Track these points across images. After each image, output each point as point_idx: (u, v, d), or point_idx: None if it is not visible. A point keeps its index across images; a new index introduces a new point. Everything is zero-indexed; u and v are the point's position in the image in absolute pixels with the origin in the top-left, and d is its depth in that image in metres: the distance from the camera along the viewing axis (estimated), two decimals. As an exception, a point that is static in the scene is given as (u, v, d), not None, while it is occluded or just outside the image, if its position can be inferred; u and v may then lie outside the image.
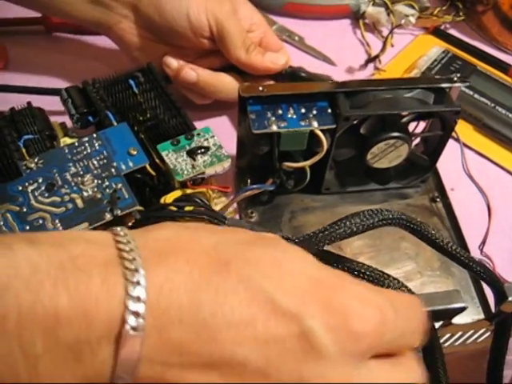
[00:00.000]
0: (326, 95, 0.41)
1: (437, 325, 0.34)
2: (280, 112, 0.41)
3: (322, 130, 0.41)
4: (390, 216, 0.31)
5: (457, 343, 0.40)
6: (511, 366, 0.50)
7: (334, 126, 0.41)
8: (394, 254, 0.44)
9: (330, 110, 0.41)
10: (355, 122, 0.42)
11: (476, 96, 0.55)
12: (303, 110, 0.41)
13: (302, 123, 0.40)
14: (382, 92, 0.42)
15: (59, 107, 0.46)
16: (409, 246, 0.45)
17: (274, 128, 0.40)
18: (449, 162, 0.50)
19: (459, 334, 0.38)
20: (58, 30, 0.58)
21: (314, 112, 0.41)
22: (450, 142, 0.49)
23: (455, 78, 0.42)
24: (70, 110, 0.44)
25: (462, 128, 0.54)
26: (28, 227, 0.36)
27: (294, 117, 0.41)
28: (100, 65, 0.52)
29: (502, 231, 0.48)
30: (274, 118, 0.40)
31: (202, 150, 0.41)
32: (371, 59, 0.58)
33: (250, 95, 0.40)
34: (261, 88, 0.40)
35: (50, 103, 0.46)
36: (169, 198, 0.38)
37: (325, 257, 0.32)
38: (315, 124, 0.40)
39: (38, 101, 0.45)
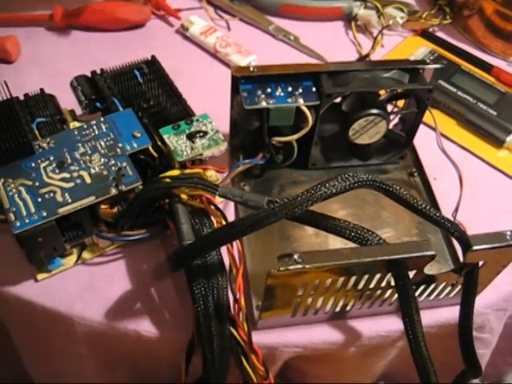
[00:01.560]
0: (311, 75, 0.45)
1: (410, 274, 0.37)
2: (269, 90, 0.44)
3: (307, 107, 0.44)
4: (365, 178, 0.35)
5: (431, 297, 0.43)
6: (488, 346, 0.53)
7: (318, 103, 0.45)
8: (374, 222, 0.48)
9: (314, 89, 0.45)
10: (338, 101, 0.45)
11: (459, 93, 0.58)
12: (290, 89, 0.45)
13: (289, 100, 0.44)
14: (362, 72, 0.46)
15: (69, 96, 0.49)
16: (388, 215, 0.49)
17: (264, 104, 0.44)
18: (431, 154, 0.53)
19: (432, 286, 0.41)
20: (66, 26, 0.62)
21: (300, 90, 0.45)
22: (432, 135, 0.53)
23: (428, 61, 0.46)
24: (80, 97, 0.47)
25: (446, 123, 0.58)
26: (40, 199, 0.40)
27: (282, 94, 0.44)
28: (107, 58, 0.55)
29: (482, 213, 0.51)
30: (263, 96, 0.44)
31: (201, 134, 0.44)
32: (362, 58, 0.62)
33: (242, 75, 0.44)
34: (251, 69, 0.44)
35: (61, 91, 0.50)
36: (168, 176, 0.41)
37: (311, 217, 0.35)
38: (301, 101, 0.44)
39: (49, 89, 0.49)
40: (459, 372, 0.47)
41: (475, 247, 0.37)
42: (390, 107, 0.50)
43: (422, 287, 0.41)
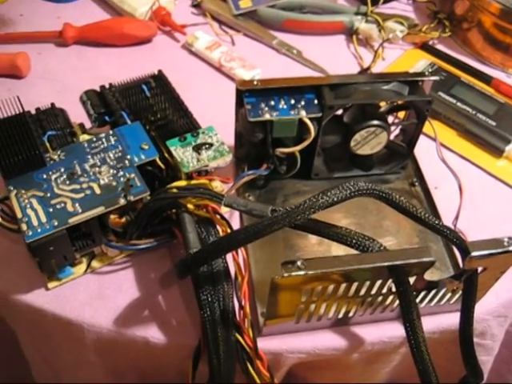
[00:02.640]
0: (313, 88, 0.47)
1: (411, 280, 0.38)
2: (272, 103, 0.46)
3: (309, 119, 0.46)
4: (364, 187, 0.36)
5: (432, 303, 0.44)
6: (490, 352, 0.54)
7: (320, 115, 0.46)
8: (376, 231, 0.49)
9: (316, 101, 0.46)
10: (339, 113, 0.47)
11: (459, 104, 0.60)
12: (293, 101, 0.46)
13: (292, 112, 0.46)
14: (363, 85, 0.47)
15: (78, 110, 0.51)
16: (390, 224, 0.50)
17: (267, 116, 0.45)
18: (432, 164, 0.55)
19: (433, 292, 0.42)
20: (75, 42, 0.64)
21: (303, 103, 0.46)
22: (432, 145, 0.54)
23: (426, 73, 0.48)
24: (89, 111, 0.49)
25: (447, 133, 0.59)
26: (51, 210, 0.41)
27: (285, 107, 0.46)
28: (115, 73, 0.57)
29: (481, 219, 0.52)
30: (267, 108, 0.45)
31: (207, 146, 0.46)
32: (363, 71, 0.63)
33: (246, 88, 0.45)
34: (255, 82, 0.45)
35: (71, 105, 0.51)
36: (174, 186, 0.43)
37: (314, 225, 0.36)
38: (303, 113, 0.46)
39: (60, 103, 0.50)
40: (461, 378, 0.48)
41: (473, 253, 0.38)
42: (391, 118, 0.52)
43: (423, 293, 0.42)
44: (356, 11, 0.68)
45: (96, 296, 0.44)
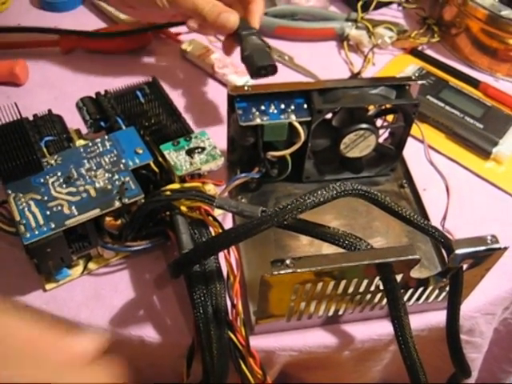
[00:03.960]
0: (302, 93, 0.48)
1: (398, 278, 0.39)
2: (263, 108, 0.47)
3: (299, 123, 0.47)
4: (351, 187, 0.37)
5: (420, 301, 0.45)
6: (480, 349, 0.55)
7: (309, 119, 0.47)
8: (366, 232, 0.50)
9: (305, 106, 0.48)
10: (328, 117, 0.48)
11: (447, 108, 0.61)
12: (283, 106, 0.47)
13: (282, 116, 0.47)
14: (351, 89, 0.48)
15: (75, 117, 0.52)
16: (379, 225, 0.51)
17: (258, 121, 0.46)
18: (421, 167, 0.56)
19: (420, 290, 0.43)
20: (72, 50, 0.65)
21: (292, 107, 0.48)
22: (421, 148, 0.56)
23: (413, 77, 0.49)
24: (85, 117, 0.50)
25: (435, 136, 0.60)
26: (48, 212, 0.42)
27: (275, 111, 0.47)
28: (110, 80, 0.59)
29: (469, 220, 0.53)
30: (257, 113, 0.47)
31: (199, 150, 0.47)
32: (353, 76, 0.65)
33: (238, 94, 0.47)
34: (246, 88, 0.47)
35: (67, 112, 0.52)
36: (168, 189, 0.44)
37: (303, 226, 0.37)
38: (293, 117, 0.47)
39: (56, 110, 0.52)
40: (450, 375, 0.49)
41: (457, 251, 0.39)
42: (379, 122, 0.53)
43: (410, 291, 0.43)
44: (346, 18, 0.69)
45: (92, 297, 0.46)
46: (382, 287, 0.41)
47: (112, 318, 0.44)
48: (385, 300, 0.43)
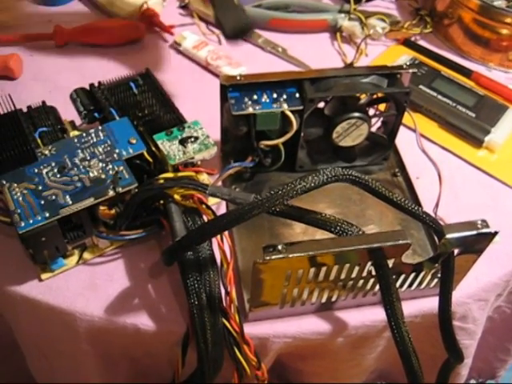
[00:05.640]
0: (294, 82, 0.48)
1: (390, 263, 0.40)
2: (255, 97, 0.47)
3: (291, 111, 0.47)
4: (341, 172, 0.37)
5: (413, 287, 0.45)
6: (473, 336, 0.56)
7: (301, 108, 0.48)
8: (359, 220, 0.51)
9: (297, 95, 0.48)
10: (320, 106, 0.48)
11: (439, 97, 0.61)
12: (275, 95, 0.48)
13: (274, 106, 0.47)
14: (343, 78, 0.49)
15: (69, 109, 0.52)
16: (373, 213, 0.51)
17: (250, 110, 0.47)
18: (414, 155, 0.57)
19: (413, 276, 0.44)
20: (66, 43, 0.65)
21: (285, 96, 0.48)
22: (414, 137, 0.56)
23: (404, 66, 0.49)
24: (79, 108, 0.50)
25: (428, 125, 0.61)
26: (43, 202, 0.42)
27: (268, 101, 0.47)
28: (104, 72, 0.58)
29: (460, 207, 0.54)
30: (250, 102, 0.47)
31: (192, 139, 0.47)
32: (346, 66, 0.65)
33: (230, 83, 0.47)
34: (238, 77, 0.47)
35: (62, 105, 0.53)
36: (161, 178, 0.44)
37: (295, 212, 0.38)
38: (285, 106, 0.47)
39: (51, 103, 0.52)
40: (444, 361, 0.50)
41: (448, 236, 0.40)
42: (372, 111, 0.53)
43: (402, 277, 0.44)
44: (340, 9, 0.70)
45: (88, 286, 0.46)
46: (374, 273, 0.42)
47: (107, 306, 0.45)
48: (377, 286, 0.43)
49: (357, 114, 0.49)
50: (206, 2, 0.66)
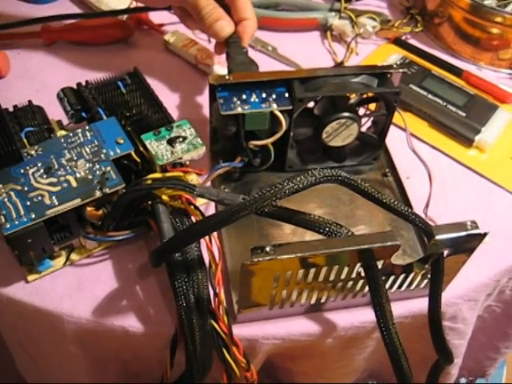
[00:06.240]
0: (284, 82, 0.48)
1: (379, 264, 0.40)
2: (244, 97, 0.47)
3: (281, 111, 0.47)
4: (330, 173, 0.37)
5: (402, 288, 0.45)
6: (463, 336, 0.56)
7: (290, 107, 0.47)
8: (349, 220, 0.50)
9: (287, 95, 0.48)
10: (310, 106, 0.48)
11: (430, 96, 0.61)
12: (264, 95, 0.47)
13: (263, 105, 0.47)
14: (332, 78, 0.48)
15: (56, 109, 0.52)
16: (363, 213, 0.51)
17: (239, 110, 0.46)
18: (404, 155, 0.56)
19: (402, 277, 0.44)
20: (54, 42, 0.65)
21: (274, 96, 0.47)
22: (404, 137, 0.56)
23: (394, 66, 0.49)
24: (66, 107, 0.50)
25: (418, 125, 0.61)
26: (29, 203, 0.42)
27: (257, 100, 0.47)
28: (93, 71, 0.58)
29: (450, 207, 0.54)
30: (239, 102, 0.47)
31: (180, 139, 0.47)
32: (337, 65, 0.65)
33: (219, 83, 0.47)
34: (227, 77, 0.47)
35: (49, 104, 0.52)
36: (149, 178, 0.44)
37: (284, 213, 0.37)
38: (274, 106, 0.47)
39: (39, 102, 0.51)
40: (433, 362, 0.50)
41: (437, 237, 0.39)
42: (362, 111, 0.53)
43: (392, 278, 0.44)
44: (330, 8, 0.69)
45: (75, 288, 0.45)
46: (363, 274, 0.41)
47: (95, 308, 0.44)
48: (367, 287, 0.43)
49: (347, 114, 0.49)
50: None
